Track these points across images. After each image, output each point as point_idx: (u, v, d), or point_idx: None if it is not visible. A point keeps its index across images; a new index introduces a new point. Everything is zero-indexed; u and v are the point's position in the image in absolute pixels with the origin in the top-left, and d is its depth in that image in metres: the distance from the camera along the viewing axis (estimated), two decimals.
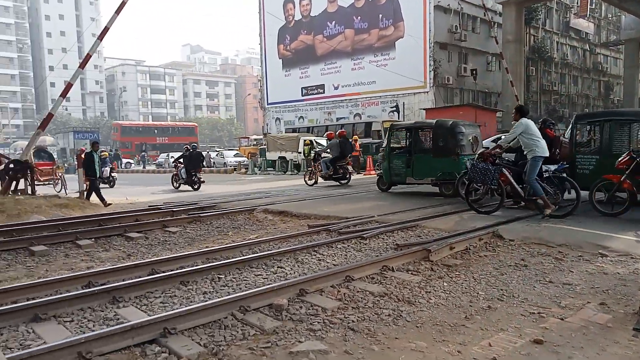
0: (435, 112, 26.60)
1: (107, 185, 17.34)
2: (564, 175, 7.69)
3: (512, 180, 7.57)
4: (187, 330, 3.53)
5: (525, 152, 7.45)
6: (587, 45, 46.09)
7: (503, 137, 8.96)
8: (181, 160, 16.01)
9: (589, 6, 43.14)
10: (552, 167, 7.77)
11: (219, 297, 4.18)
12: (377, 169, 16.46)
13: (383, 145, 14.09)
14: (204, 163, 19.10)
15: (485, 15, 29.88)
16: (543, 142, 7.36)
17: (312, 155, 16.72)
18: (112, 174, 18.43)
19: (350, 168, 14.58)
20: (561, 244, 5.84)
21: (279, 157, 24.44)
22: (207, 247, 6.55)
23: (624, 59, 42.31)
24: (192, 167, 15.54)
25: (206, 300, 4.12)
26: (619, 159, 7.35)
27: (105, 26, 13.04)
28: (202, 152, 18.90)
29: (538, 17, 38.38)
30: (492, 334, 3.44)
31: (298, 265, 5.39)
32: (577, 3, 42.75)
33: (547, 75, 40.87)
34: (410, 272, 5.03)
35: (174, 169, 17.70)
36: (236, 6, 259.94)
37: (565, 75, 43.43)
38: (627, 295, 4.07)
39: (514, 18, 27.68)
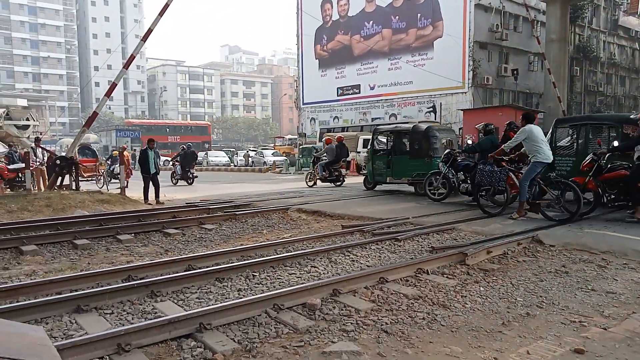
0: (474, 113, 26.05)
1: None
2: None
3: (517, 182, 7.78)
4: (221, 327, 3.59)
5: (529, 157, 7.67)
6: (636, 44, 44.11)
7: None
8: (178, 159, 18.25)
9: None
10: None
11: (253, 295, 4.24)
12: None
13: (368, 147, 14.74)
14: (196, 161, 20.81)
15: (527, 14, 29.08)
16: (547, 149, 7.55)
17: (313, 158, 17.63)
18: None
19: (343, 171, 15.45)
20: (605, 251, 5.61)
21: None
22: (242, 244, 6.65)
23: None
24: (186, 164, 18.06)
25: (241, 297, 4.18)
26: (583, 161, 7.79)
27: (149, 28, 13.42)
28: (195, 152, 20.47)
29: (584, 15, 36.98)
30: (530, 342, 3.34)
31: (331, 265, 5.39)
32: (627, 0, 40.97)
33: (593, 75, 39.36)
34: (445, 275, 4.95)
35: (172, 167, 19.91)
36: (274, 7, 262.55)
37: (612, 75, 41.70)
38: None
39: (558, 16, 26.79)
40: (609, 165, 7.63)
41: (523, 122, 7.72)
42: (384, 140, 12.85)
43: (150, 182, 12.18)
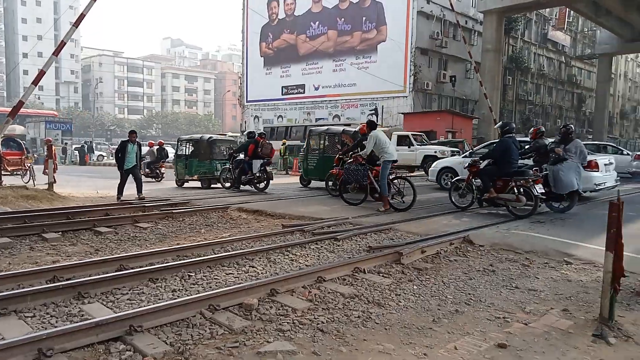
0: (413, 117, 26.95)
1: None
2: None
3: (373, 179, 9.24)
4: (153, 329, 3.48)
5: (379, 157, 9.11)
6: (562, 57, 47.30)
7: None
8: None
9: (566, 19, 44.32)
10: (259, 162, 12.25)
11: (188, 295, 4.14)
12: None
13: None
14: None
15: (466, 24, 30.39)
16: (392, 149, 9.13)
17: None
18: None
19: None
20: (528, 250, 5.97)
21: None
22: (178, 244, 6.47)
23: (597, 73, 43.58)
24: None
25: (175, 298, 4.07)
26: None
27: (82, 13, 12.72)
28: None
29: (517, 27, 39.20)
30: (458, 338, 3.49)
31: (270, 265, 5.37)
32: (556, 16, 43.83)
33: (524, 85, 41.79)
34: (381, 274, 5.06)
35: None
36: (220, 1, 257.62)
37: (541, 85, 44.48)
38: (588, 302, 4.19)
39: (494, 27, 28.18)
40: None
41: (368, 130, 9.23)
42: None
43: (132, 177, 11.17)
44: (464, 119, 26.85)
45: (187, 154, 15.06)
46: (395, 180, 9.21)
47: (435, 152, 18.36)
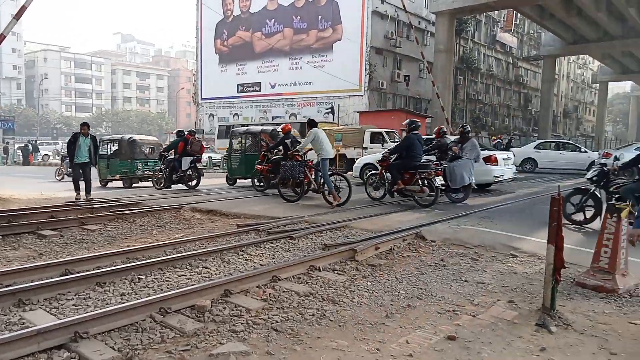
0: (369, 116, 27.28)
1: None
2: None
3: (310, 176, 9.69)
4: (100, 334, 3.36)
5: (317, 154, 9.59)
6: (510, 58, 49.16)
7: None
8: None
9: (514, 22, 46.09)
10: (189, 159, 12.53)
11: (138, 299, 4.02)
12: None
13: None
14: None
15: (419, 24, 31.02)
16: (328, 146, 9.65)
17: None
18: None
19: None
20: (478, 245, 6.18)
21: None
22: (128, 246, 6.28)
23: (542, 74, 45.52)
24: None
25: (124, 302, 3.94)
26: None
27: (23, 5, 12.07)
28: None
29: (468, 29, 40.41)
30: (409, 332, 3.56)
31: (224, 266, 5.30)
32: (504, 18, 45.48)
33: (474, 85, 43.14)
34: (336, 271, 5.10)
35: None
36: None
37: (490, 85, 46.06)
38: (532, 293, 4.38)
39: (446, 28, 28.89)
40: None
41: (309, 127, 9.68)
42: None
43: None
44: (417, 117, 27.32)
45: (109, 154, 15.37)
46: (332, 177, 9.63)
47: None
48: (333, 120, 31.42)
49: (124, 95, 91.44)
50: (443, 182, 9.42)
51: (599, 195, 7.34)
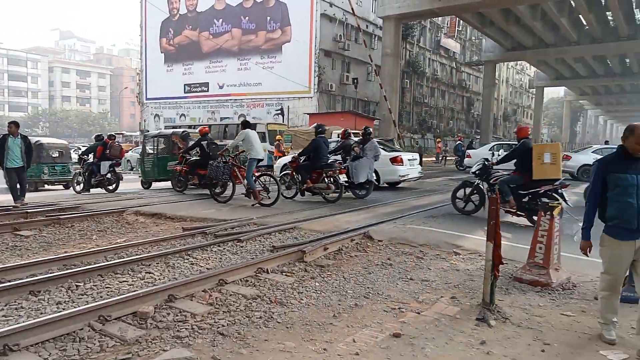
0: (318, 118, 27.41)
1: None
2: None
3: (240, 175, 9.89)
4: (33, 346, 3.17)
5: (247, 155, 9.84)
6: (453, 63, 51.00)
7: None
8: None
9: (456, 28, 47.85)
10: (107, 164, 12.39)
11: (75, 307, 3.83)
12: None
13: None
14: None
15: (366, 28, 31.55)
16: (258, 147, 9.84)
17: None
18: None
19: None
20: (423, 243, 6.35)
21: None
22: (65, 252, 5.96)
23: (483, 78, 47.50)
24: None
25: (59, 311, 3.74)
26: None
27: None
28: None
29: (414, 34, 41.56)
30: (356, 330, 3.60)
31: (169, 270, 5.15)
32: (447, 24, 47.11)
33: (420, 88, 44.40)
34: (284, 273, 5.08)
35: None
36: None
37: (435, 89, 47.57)
38: (473, 289, 4.55)
39: (392, 33, 29.55)
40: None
41: (242, 127, 9.94)
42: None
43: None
44: (366, 119, 27.81)
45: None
46: (262, 177, 9.96)
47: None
48: (283, 121, 31.36)
49: (63, 94, 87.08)
50: (347, 180, 10.43)
51: (482, 187, 8.32)
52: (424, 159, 25.20)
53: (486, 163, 8.23)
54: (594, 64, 47.75)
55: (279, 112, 33.45)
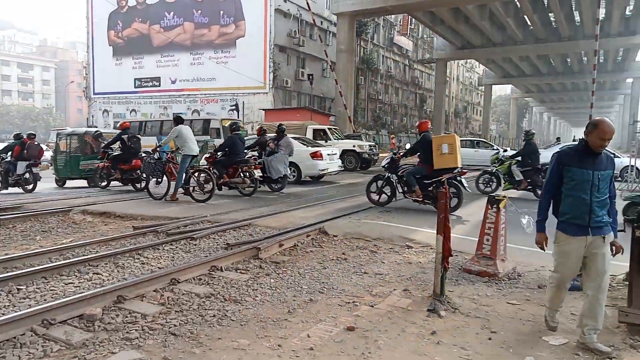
0: (274, 113, 27.25)
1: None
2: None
3: (175, 172, 9.98)
4: None
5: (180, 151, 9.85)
6: (406, 60, 51.94)
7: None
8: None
9: (409, 26, 48.72)
10: (25, 163, 12.24)
11: (16, 312, 3.64)
12: None
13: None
14: None
15: (321, 24, 31.58)
16: (192, 144, 9.79)
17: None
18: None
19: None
20: (377, 238, 6.45)
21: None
22: (6, 254, 5.64)
23: (435, 76, 48.69)
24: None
25: None
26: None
27: None
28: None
29: (368, 31, 41.98)
30: (311, 326, 3.62)
31: (118, 271, 4.99)
32: (400, 22, 47.90)
33: (374, 85, 44.96)
34: (239, 271, 5.04)
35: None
36: None
37: (389, 86, 48.30)
38: (425, 281, 4.67)
39: (347, 29, 29.76)
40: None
41: (175, 124, 9.94)
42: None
43: None
44: (322, 116, 27.90)
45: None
46: (196, 173, 10.08)
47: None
48: (238, 117, 30.94)
49: (3, 88, 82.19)
50: (262, 175, 10.95)
51: (392, 180, 8.90)
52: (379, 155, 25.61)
53: (394, 157, 8.91)
54: (539, 63, 50.01)
55: (234, 107, 32.97)
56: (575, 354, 3.19)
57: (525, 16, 35.70)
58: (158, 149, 10.09)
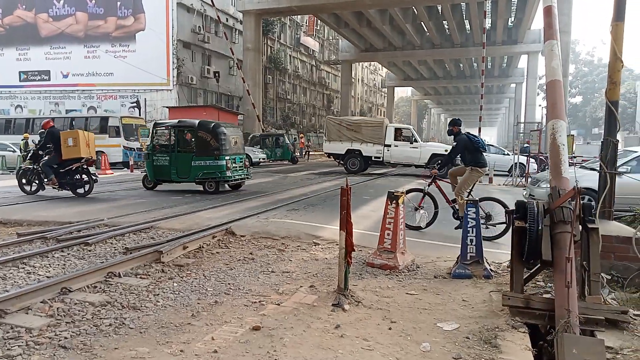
0: (179, 111, 26.26)
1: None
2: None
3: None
4: None
5: None
6: (313, 61, 52.77)
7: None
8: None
9: (315, 27, 49.54)
10: None
11: None
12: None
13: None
14: None
15: (227, 21, 30.97)
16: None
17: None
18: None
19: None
20: (284, 236, 6.48)
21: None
22: None
23: (341, 77, 50.06)
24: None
25: None
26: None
27: None
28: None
29: (274, 30, 41.99)
30: (216, 328, 3.53)
31: None
32: (306, 23, 48.51)
33: (282, 84, 45.12)
34: (139, 276, 4.78)
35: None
36: None
37: (297, 86, 48.77)
38: (331, 277, 4.77)
39: (253, 27, 29.52)
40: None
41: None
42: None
43: None
44: (229, 114, 27.40)
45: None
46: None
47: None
48: (140, 115, 29.37)
49: None
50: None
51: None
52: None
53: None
54: (435, 67, 53.45)
55: (135, 104, 31.24)
56: (466, 337, 3.45)
57: (422, 22, 37.94)
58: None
